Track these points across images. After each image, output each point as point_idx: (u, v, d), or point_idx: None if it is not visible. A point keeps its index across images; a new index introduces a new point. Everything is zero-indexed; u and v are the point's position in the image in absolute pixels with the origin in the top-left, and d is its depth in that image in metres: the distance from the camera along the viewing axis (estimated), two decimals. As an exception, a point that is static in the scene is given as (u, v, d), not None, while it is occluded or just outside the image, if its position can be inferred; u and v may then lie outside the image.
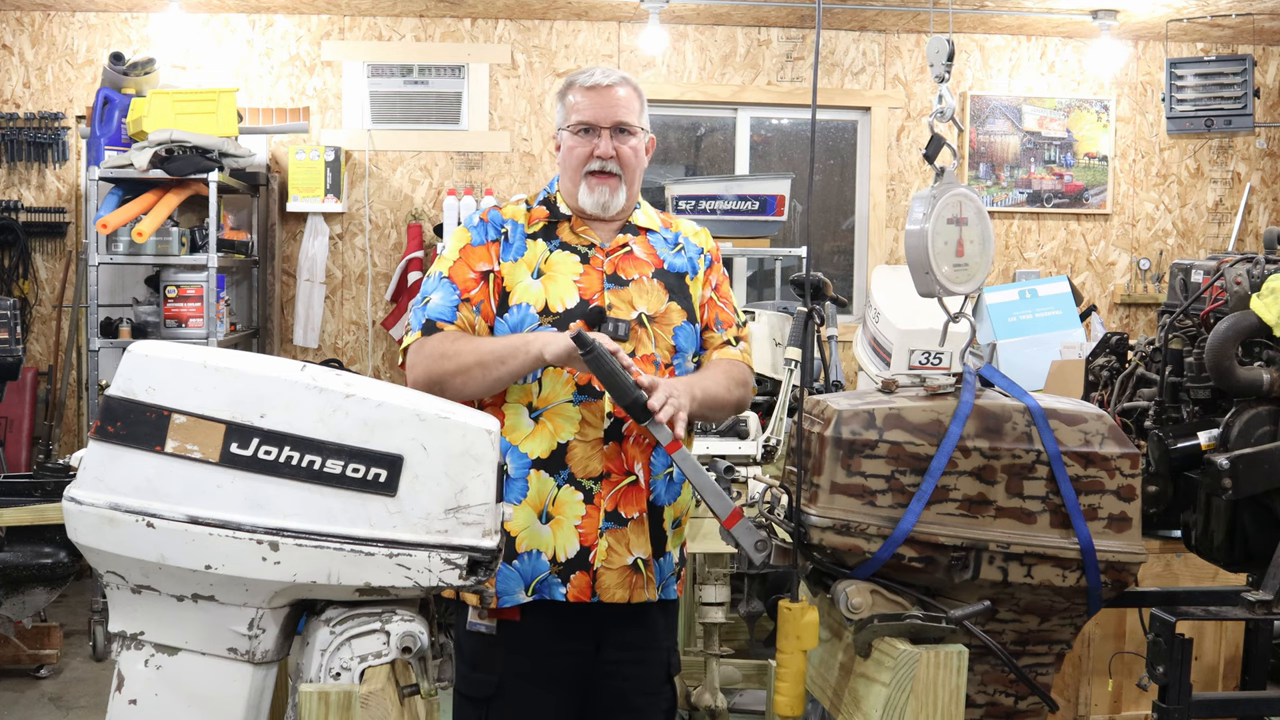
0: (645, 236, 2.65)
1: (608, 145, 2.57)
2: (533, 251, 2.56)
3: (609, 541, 2.49)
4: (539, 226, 2.60)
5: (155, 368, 1.86)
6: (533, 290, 2.52)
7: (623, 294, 2.55)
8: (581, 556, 2.48)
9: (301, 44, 6.94)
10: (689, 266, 2.66)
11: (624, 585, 2.51)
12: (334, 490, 1.85)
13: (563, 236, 2.59)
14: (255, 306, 6.95)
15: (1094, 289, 7.44)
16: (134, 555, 1.84)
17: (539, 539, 2.48)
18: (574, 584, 2.48)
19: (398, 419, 1.87)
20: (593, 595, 2.49)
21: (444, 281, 2.55)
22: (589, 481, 2.48)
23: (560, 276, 2.54)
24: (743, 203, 6.47)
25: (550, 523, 2.48)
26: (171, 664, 1.90)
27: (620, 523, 2.50)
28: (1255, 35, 7.09)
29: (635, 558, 2.51)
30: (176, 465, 1.84)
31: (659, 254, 2.64)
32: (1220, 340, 2.77)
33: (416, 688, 1.89)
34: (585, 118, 2.58)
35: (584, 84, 2.60)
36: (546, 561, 2.48)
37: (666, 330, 2.57)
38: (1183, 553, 3.22)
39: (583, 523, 2.48)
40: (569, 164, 2.59)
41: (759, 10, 6.84)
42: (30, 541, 4.53)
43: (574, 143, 2.58)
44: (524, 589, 2.48)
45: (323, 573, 1.84)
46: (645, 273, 2.59)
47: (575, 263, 2.56)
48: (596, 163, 2.56)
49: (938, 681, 2.10)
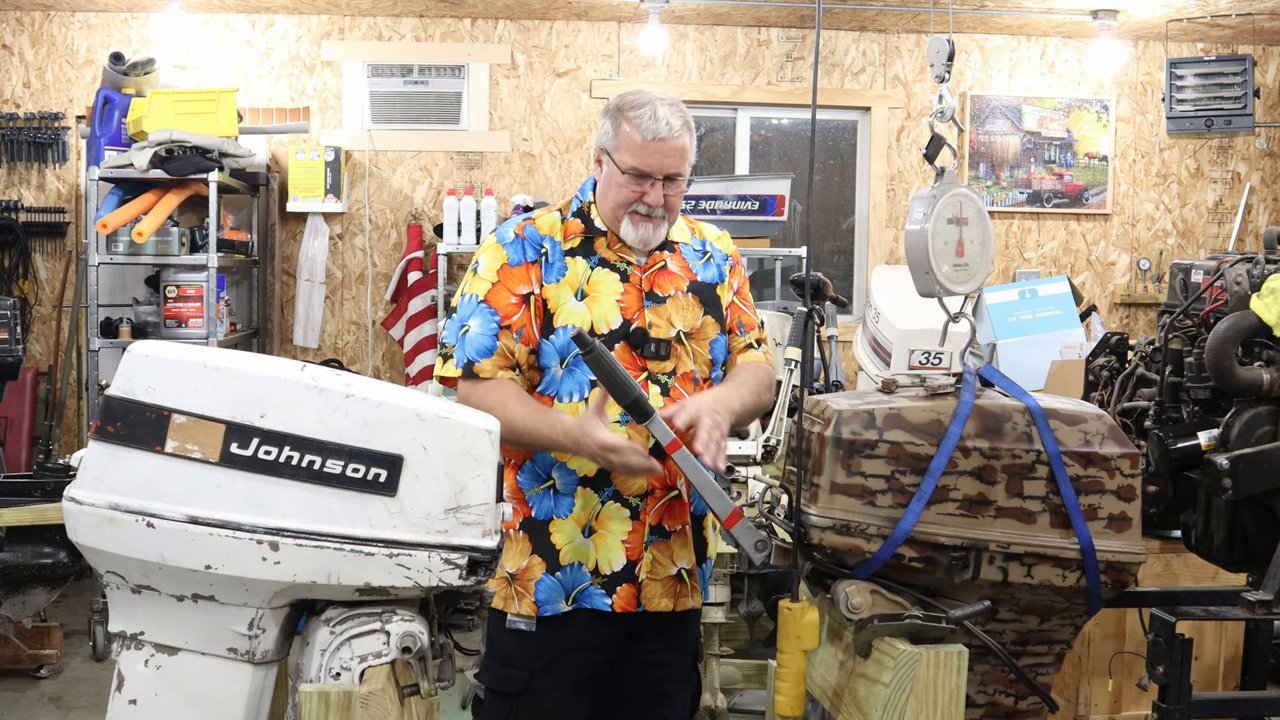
0: (679, 250, 2.65)
1: (658, 195, 2.51)
2: (574, 271, 2.54)
3: (654, 554, 2.54)
4: (576, 242, 2.57)
5: (155, 368, 1.86)
6: (578, 312, 2.51)
7: (661, 311, 2.55)
8: (628, 569, 2.52)
9: (301, 44, 6.94)
10: (718, 276, 2.67)
11: (669, 594, 2.56)
12: (334, 490, 1.85)
13: (601, 253, 2.57)
14: (255, 306, 6.95)
15: (1094, 289, 7.44)
16: (134, 555, 1.84)
17: (582, 552, 2.52)
18: (620, 595, 2.52)
19: (398, 419, 1.87)
20: (638, 605, 2.54)
21: (482, 307, 2.51)
22: (634, 498, 2.52)
23: (604, 297, 2.53)
24: (743, 203, 6.47)
25: (593, 536, 2.52)
26: (171, 664, 1.90)
27: (664, 535, 2.55)
28: (1255, 35, 7.09)
29: (679, 568, 2.57)
30: (176, 465, 1.84)
31: (690, 267, 2.64)
32: (1220, 340, 2.77)
33: (416, 688, 1.89)
34: (641, 166, 2.49)
35: (647, 132, 2.47)
36: (588, 573, 2.52)
37: (703, 345, 2.60)
38: (1183, 553, 3.22)
39: (629, 537, 2.52)
40: (614, 198, 2.54)
41: (759, 10, 6.84)
42: (30, 541, 4.53)
43: (623, 181, 2.51)
44: (565, 599, 2.52)
45: (323, 573, 1.84)
46: (680, 287, 2.60)
47: (616, 281, 2.55)
48: (644, 207, 2.52)
49: (938, 681, 2.10)
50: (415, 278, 6.76)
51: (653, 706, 2.63)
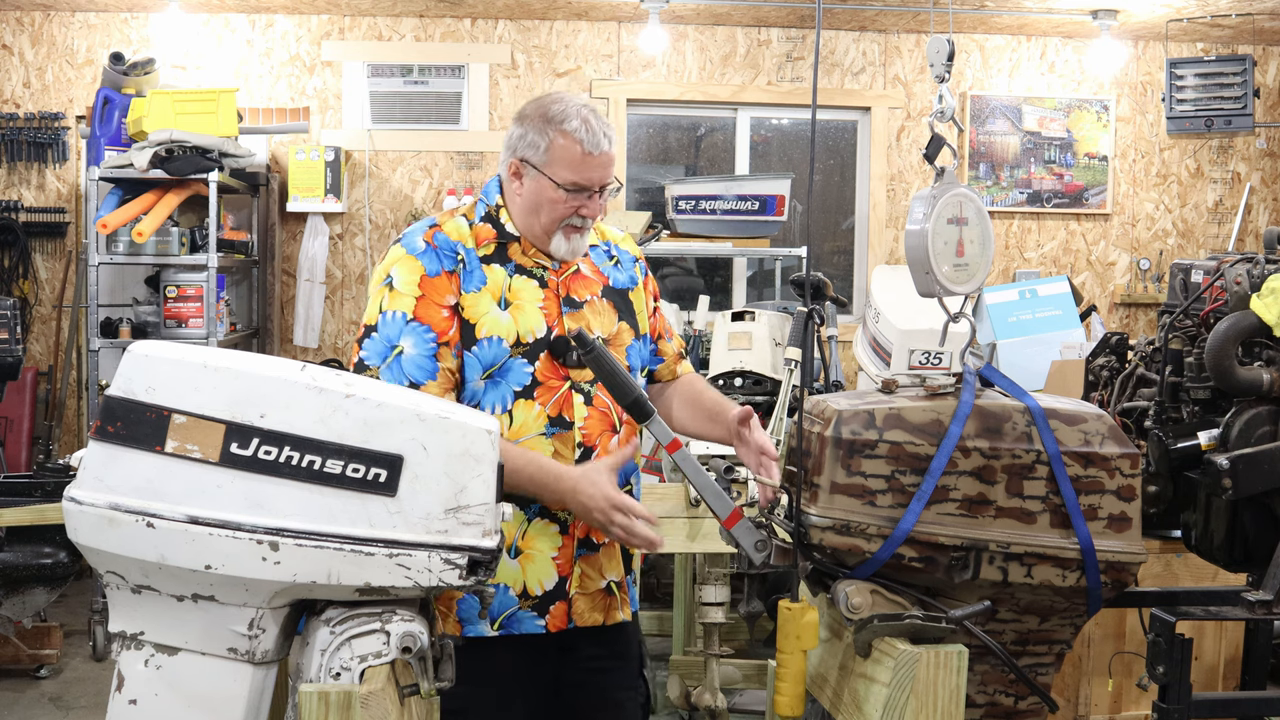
0: (587, 253, 2.57)
1: (597, 206, 2.46)
2: (494, 279, 2.43)
3: (582, 569, 2.46)
4: (490, 249, 2.46)
5: (155, 368, 1.86)
6: (502, 322, 2.40)
7: (578, 317, 2.47)
8: (559, 587, 2.44)
9: (301, 44, 6.94)
10: (629, 280, 2.61)
11: (598, 609, 2.49)
12: (334, 490, 1.85)
13: (516, 259, 2.47)
14: (255, 306, 6.95)
15: (1094, 289, 7.44)
16: (134, 555, 1.84)
17: (507, 573, 2.40)
18: (553, 614, 2.44)
19: (398, 419, 1.87)
20: (569, 622, 2.46)
21: (413, 325, 2.35)
22: (563, 513, 2.42)
23: (527, 305, 2.43)
24: (743, 203, 6.47)
25: (520, 557, 2.41)
26: (171, 664, 1.90)
27: (593, 549, 2.47)
28: (1255, 35, 7.09)
29: (608, 581, 2.50)
30: (176, 465, 1.84)
31: (602, 270, 2.57)
32: (1220, 340, 2.77)
33: (416, 688, 1.89)
34: (582, 181, 2.41)
35: (588, 147, 2.40)
36: (515, 596, 2.42)
37: (620, 352, 2.51)
38: (1183, 553, 3.22)
39: (559, 553, 2.43)
40: (547, 214, 2.43)
41: (759, 10, 6.84)
42: (30, 541, 4.54)
43: (560, 198, 2.41)
44: (490, 624, 2.41)
45: (323, 573, 1.84)
46: (595, 292, 2.53)
47: (535, 288, 2.46)
48: (579, 219, 2.45)
49: (938, 681, 2.10)
50: (415, 278, 6.76)
51: (602, 717, 2.56)
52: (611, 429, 2.48)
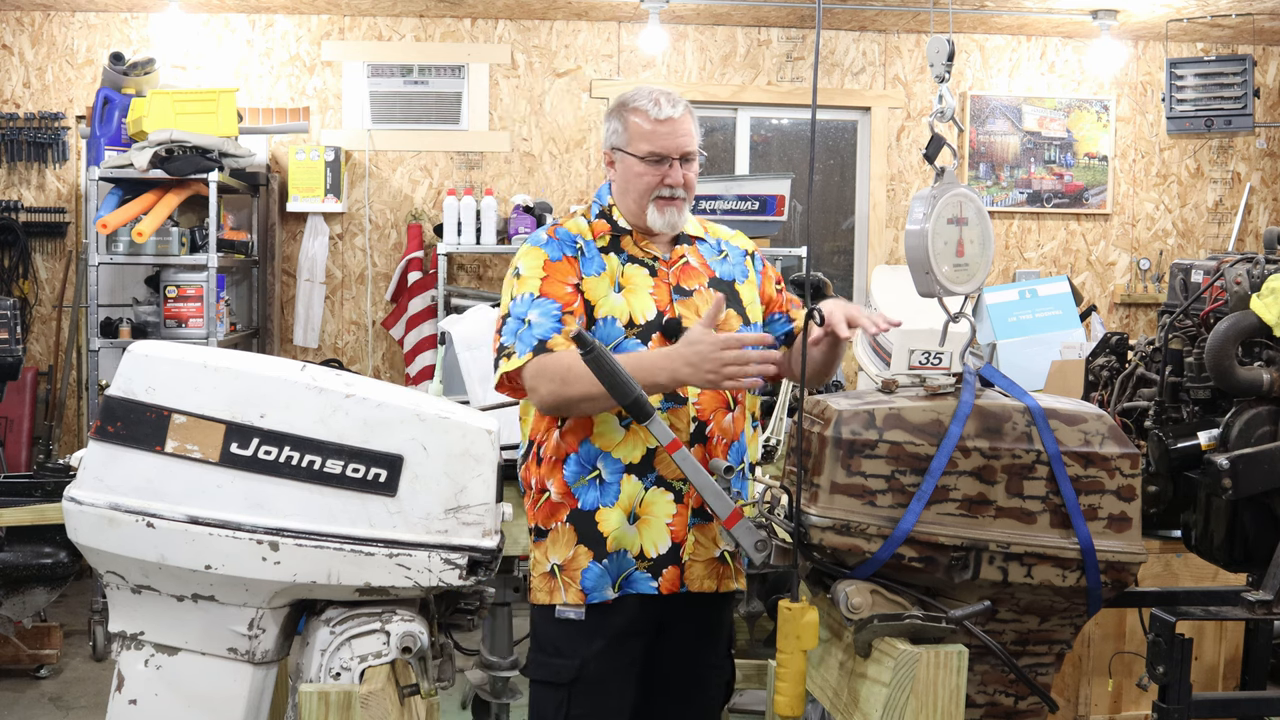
0: (696, 246, 2.76)
1: (679, 174, 2.64)
2: (610, 266, 2.64)
3: (696, 536, 2.61)
4: (606, 240, 2.68)
5: (155, 368, 1.86)
6: (617, 304, 2.60)
7: (689, 304, 2.65)
8: (673, 552, 2.59)
9: (301, 44, 6.94)
10: (737, 273, 2.78)
11: (712, 576, 2.64)
12: (334, 490, 1.85)
13: (629, 250, 2.68)
14: (255, 306, 6.95)
15: (1094, 289, 7.44)
16: (134, 555, 1.84)
17: (627, 539, 2.58)
18: (665, 577, 2.59)
19: (398, 419, 1.87)
20: (682, 586, 2.61)
21: (540, 300, 2.56)
22: (678, 482, 2.58)
23: (638, 290, 2.63)
24: (743, 203, 6.47)
25: (638, 523, 2.58)
26: (171, 664, 1.90)
27: (706, 518, 2.61)
28: (1255, 35, 7.09)
29: (722, 550, 2.63)
30: (176, 465, 1.84)
31: (709, 263, 2.75)
32: (1220, 340, 2.77)
33: (416, 688, 1.89)
34: (657, 148, 2.63)
35: (654, 115, 2.63)
36: (633, 559, 2.58)
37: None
38: (1183, 553, 3.22)
39: (673, 520, 2.59)
40: (635, 188, 2.65)
41: (759, 10, 6.84)
42: (30, 541, 4.53)
43: (643, 169, 2.64)
44: (611, 585, 2.59)
45: (323, 573, 1.84)
46: (702, 282, 2.70)
47: (645, 275, 2.66)
48: (667, 190, 2.64)
49: (938, 681, 2.10)
50: (415, 278, 6.76)
51: (688, 689, 2.71)
52: (725, 406, 2.63)
